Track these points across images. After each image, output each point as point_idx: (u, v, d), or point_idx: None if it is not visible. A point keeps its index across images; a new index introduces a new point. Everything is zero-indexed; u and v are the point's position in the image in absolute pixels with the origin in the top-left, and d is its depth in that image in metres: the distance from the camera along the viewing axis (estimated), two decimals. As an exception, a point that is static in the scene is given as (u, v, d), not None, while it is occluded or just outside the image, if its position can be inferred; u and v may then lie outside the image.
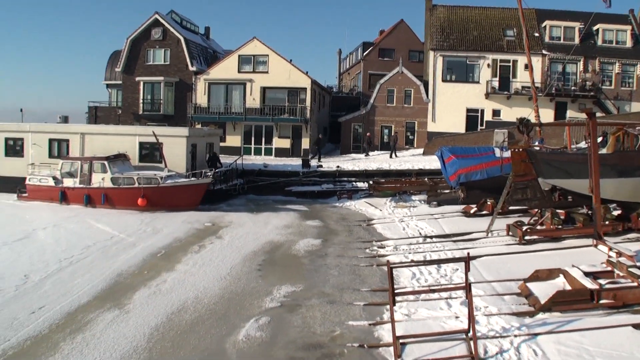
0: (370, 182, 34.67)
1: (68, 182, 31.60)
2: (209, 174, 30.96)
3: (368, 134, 47.73)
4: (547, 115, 44.44)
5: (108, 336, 12.45)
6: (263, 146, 47.42)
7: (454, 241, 21.27)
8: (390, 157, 43.85)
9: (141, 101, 49.63)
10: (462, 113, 47.42)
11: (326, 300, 15.07)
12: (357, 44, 67.25)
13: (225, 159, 38.96)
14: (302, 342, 12.26)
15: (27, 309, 14.08)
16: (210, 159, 36.20)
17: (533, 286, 14.15)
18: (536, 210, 22.31)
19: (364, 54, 61.85)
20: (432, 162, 36.72)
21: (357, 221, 27.71)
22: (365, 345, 11.97)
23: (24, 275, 17.06)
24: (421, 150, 45.76)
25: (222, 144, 42.57)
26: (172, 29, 49.08)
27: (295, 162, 40.57)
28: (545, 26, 47.92)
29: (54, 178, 32.02)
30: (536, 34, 47.57)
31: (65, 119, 42.00)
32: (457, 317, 12.97)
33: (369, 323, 13.20)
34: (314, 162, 40.16)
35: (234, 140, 46.76)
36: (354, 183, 36.68)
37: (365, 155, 45.70)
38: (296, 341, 12.33)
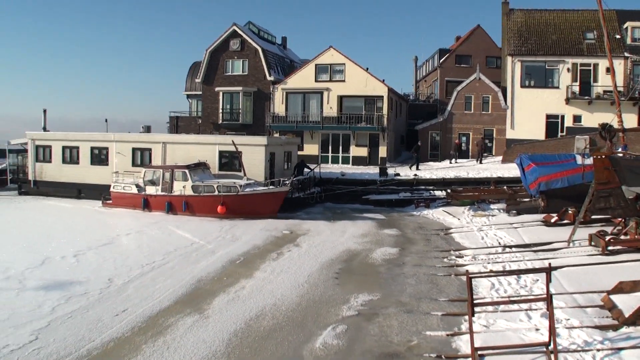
0: (448, 191, 34.15)
1: (150, 190, 32.48)
2: (287, 182, 31.19)
3: (457, 141, 47.03)
4: (631, 120, 42.81)
5: (188, 340, 12.63)
6: (340, 154, 47.47)
7: (534, 251, 20.63)
8: (480, 162, 43.28)
9: (220, 111, 50.60)
10: (541, 119, 46.21)
11: (403, 309, 14.86)
12: (433, 51, 66.67)
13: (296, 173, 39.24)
14: (378, 351, 12.11)
15: (110, 312, 14.47)
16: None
17: (617, 298, 13.53)
18: (620, 219, 21.43)
19: (441, 60, 61.18)
20: (511, 170, 35.91)
21: (435, 230, 27.32)
22: (442, 356, 11.70)
23: (108, 279, 17.57)
24: (500, 158, 44.83)
25: (299, 153, 42.86)
26: (250, 40, 49.88)
27: (372, 171, 40.42)
28: (626, 27, 46.23)
29: (137, 186, 32.98)
30: (617, 36, 45.93)
31: (147, 129, 43.26)
32: (537, 330, 12.54)
33: (447, 333, 12.92)
34: (410, 171, 39.91)
35: (311, 148, 47.04)
36: (431, 191, 36.23)
37: (454, 162, 44.96)
38: (373, 350, 12.19)
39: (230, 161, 34.10)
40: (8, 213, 32.15)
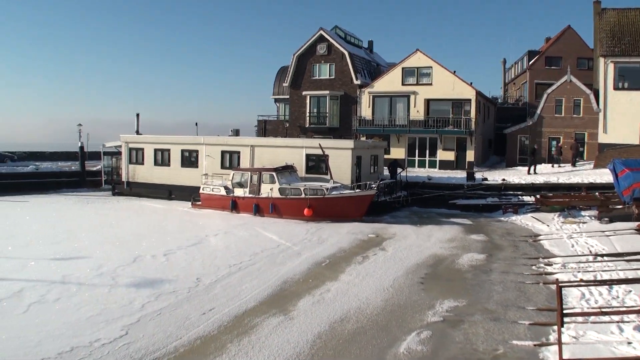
0: (537, 196, 33.06)
1: (238, 192, 32.96)
2: (374, 185, 30.98)
3: (559, 144, 45.37)
4: None
5: (273, 341, 12.62)
6: (427, 158, 46.80)
7: (627, 260, 19.56)
8: (574, 165, 41.83)
9: (307, 114, 50.90)
10: (636, 123, 43.86)
11: (489, 317, 14.42)
12: (522, 53, 64.78)
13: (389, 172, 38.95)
14: (463, 359, 11.77)
15: (198, 310, 14.68)
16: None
17: None
18: None
19: (530, 62, 59.43)
20: (603, 176, 34.44)
21: (523, 236, 26.48)
22: (531, 367, 11.26)
23: (197, 279, 17.87)
24: (591, 163, 43.04)
25: (386, 156, 42.56)
26: (336, 44, 49.96)
27: (459, 175, 39.64)
28: None
29: (226, 188, 33.55)
30: None
31: (236, 132, 44.03)
32: (629, 343, 11.83)
33: (534, 344, 12.40)
34: (528, 175, 38.94)
35: (398, 152, 46.58)
36: (519, 197, 35.15)
37: (557, 166, 43.37)
38: (457, 358, 11.85)
39: (317, 164, 34.19)
40: (102, 213, 33.32)
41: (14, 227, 27.40)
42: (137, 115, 45.53)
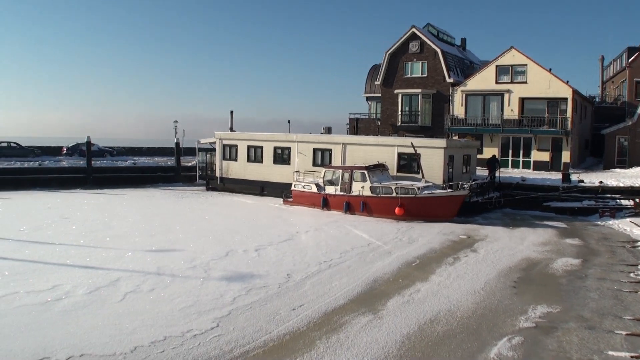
0: (637, 200, 31.56)
1: (329, 190, 33.07)
2: (466, 185, 30.41)
3: None
4: None
5: (361, 339, 12.54)
6: (521, 159, 45.56)
7: None
8: None
9: (399, 113, 50.56)
10: None
11: (584, 325, 13.84)
12: (622, 49, 61.94)
13: (482, 171, 38.13)
14: (558, 368, 11.35)
15: (288, 306, 14.77)
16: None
17: None
18: None
19: (630, 59, 56.55)
20: None
21: (621, 242, 25.36)
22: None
23: (287, 275, 18.01)
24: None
25: (479, 156, 41.69)
26: (429, 42, 49.35)
27: (554, 177, 38.32)
28: None
29: (317, 185, 33.74)
30: None
31: (328, 130, 44.19)
32: None
33: (632, 355, 11.81)
34: None
35: (491, 152, 45.46)
36: (617, 200, 33.61)
37: None
38: (552, 366, 11.44)
39: (409, 163, 33.87)
40: (196, 207, 34.17)
41: (112, 219, 28.49)
42: (231, 112, 46.41)
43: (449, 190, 30.56)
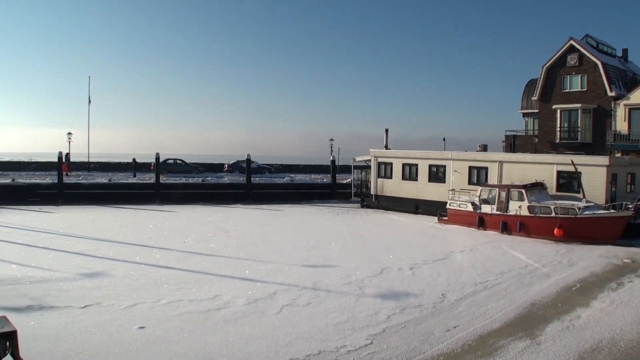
0: None
1: (485, 209, 32.55)
2: (630, 206, 28.78)
3: None
4: None
5: (518, 365, 12.32)
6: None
7: None
8: None
9: (558, 129, 48.60)
10: None
11: None
12: None
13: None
14: None
15: (442, 326, 14.75)
16: None
17: None
18: None
19: None
20: None
21: None
22: None
23: (442, 294, 17.98)
24: None
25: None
26: (588, 54, 47.10)
27: None
28: None
29: (473, 204, 33.29)
30: None
31: (484, 148, 43.54)
32: None
33: None
34: None
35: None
36: None
37: None
38: None
39: (569, 182, 32.58)
40: (351, 224, 34.87)
41: (270, 234, 29.79)
42: (386, 130, 46.94)
43: (611, 210, 29.07)
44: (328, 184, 51.96)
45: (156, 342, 13.03)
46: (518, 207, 30.79)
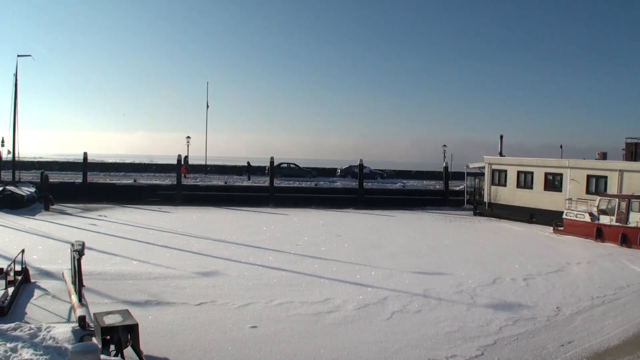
0: None
1: (604, 220, 31.29)
2: None
3: None
4: None
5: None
6: None
7: None
8: None
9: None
10: None
11: None
12: None
13: None
14: None
15: (556, 341, 14.37)
16: None
17: None
18: None
19: None
20: None
21: None
22: None
23: (556, 307, 17.51)
24: None
25: None
26: None
27: None
28: None
29: (590, 214, 32.09)
30: None
31: (603, 155, 41.77)
32: None
33: None
34: None
35: None
36: None
37: None
38: None
39: None
40: (463, 232, 34.47)
41: (382, 239, 29.95)
42: (501, 137, 45.96)
43: None
44: (440, 191, 51.54)
45: (267, 341, 13.48)
46: (639, 219, 29.42)
